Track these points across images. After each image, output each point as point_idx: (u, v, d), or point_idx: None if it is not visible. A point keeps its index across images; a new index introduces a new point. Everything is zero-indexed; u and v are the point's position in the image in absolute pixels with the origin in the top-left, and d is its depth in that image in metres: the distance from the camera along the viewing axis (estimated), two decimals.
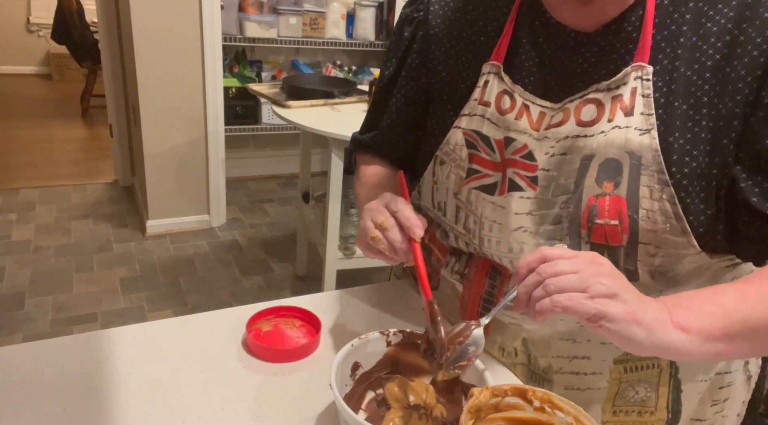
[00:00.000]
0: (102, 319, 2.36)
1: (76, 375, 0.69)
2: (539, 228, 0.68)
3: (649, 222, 0.62)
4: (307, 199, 2.62)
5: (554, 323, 0.71)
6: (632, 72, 0.63)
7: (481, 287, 0.77)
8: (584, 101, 0.65)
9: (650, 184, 0.61)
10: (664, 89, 0.62)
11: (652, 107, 0.62)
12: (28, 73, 6.61)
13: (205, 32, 2.85)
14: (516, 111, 0.69)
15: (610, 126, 0.63)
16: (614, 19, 0.64)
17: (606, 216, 0.63)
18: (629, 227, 0.62)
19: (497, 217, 0.71)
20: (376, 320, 0.85)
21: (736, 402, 0.78)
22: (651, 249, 0.63)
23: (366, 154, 0.94)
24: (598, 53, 0.66)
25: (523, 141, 0.68)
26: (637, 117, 0.62)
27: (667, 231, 0.62)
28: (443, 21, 0.78)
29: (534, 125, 0.68)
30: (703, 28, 0.61)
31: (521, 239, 0.69)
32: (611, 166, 0.63)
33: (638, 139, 0.62)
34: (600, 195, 0.63)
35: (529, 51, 0.70)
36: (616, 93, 0.63)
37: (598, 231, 0.64)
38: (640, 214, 0.62)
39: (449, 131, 0.75)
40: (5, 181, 3.60)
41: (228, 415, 0.66)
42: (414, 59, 0.81)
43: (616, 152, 0.63)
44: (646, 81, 0.62)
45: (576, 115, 0.66)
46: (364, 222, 0.72)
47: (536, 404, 0.54)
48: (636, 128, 0.62)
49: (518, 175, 0.69)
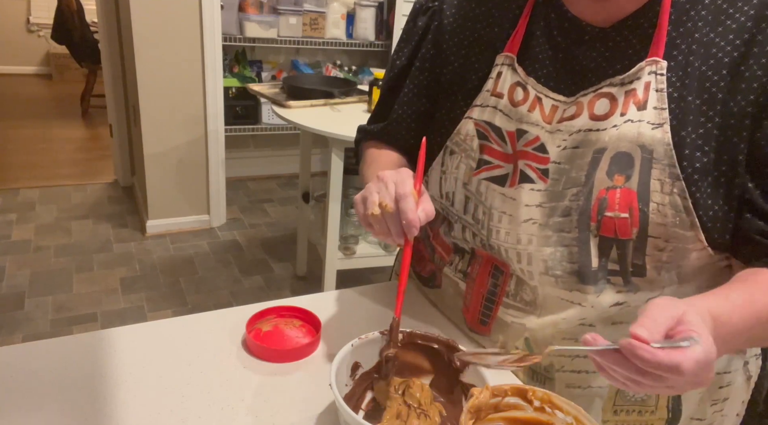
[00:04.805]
0: (102, 319, 2.36)
1: (76, 375, 0.69)
2: (548, 221, 0.68)
3: (660, 216, 0.62)
4: (307, 199, 2.62)
5: (557, 324, 0.72)
6: (646, 67, 0.63)
7: (483, 286, 0.77)
8: (597, 95, 0.66)
9: (661, 178, 0.62)
10: (678, 84, 0.63)
11: (666, 102, 0.62)
12: (28, 73, 6.61)
13: (205, 32, 2.85)
14: (529, 103, 0.70)
15: (623, 120, 0.64)
16: (630, 14, 0.65)
17: (616, 209, 0.64)
18: (639, 220, 0.63)
19: (507, 208, 0.71)
20: (376, 320, 0.85)
21: (736, 402, 0.78)
22: (660, 243, 0.64)
23: (374, 141, 0.92)
24: (612, 48, 0.66)
25: (535, 133, 0.69)
26: (650, 111, 0.63)
27: (676, 225, 0.62)
28: (458, 11, 0.78)
29: (546, 118, 0.69)
30: (723, 25, 0.62)
31: (530, 231, 0.69)
32: (623, 160, 0.63)
33: (650, 133, 0.62)
34: (611, 188, 0.64)
35: (543, 44, 0.71)
36: (630, 87, 0.64)
37: (607, 224, 0.64)
38: (651, 208, 0.62)
39: (460, 122, 0.75)
40: (5, 180, 3.60)
41: (228, 415, 0.66)
42: (429, 50, 0.81)
43: (627, 145, 0.63)
44: (660, 76, 0.63)
45: (589, 108, 0.66)
46: (370, 192, 0.67)
47: (536, 404, 0.54)
48: (649, 122, 0.62)
49: (529, 167, 0.69)
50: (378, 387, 0.69)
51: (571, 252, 0.68)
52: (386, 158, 0.86)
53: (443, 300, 0.88)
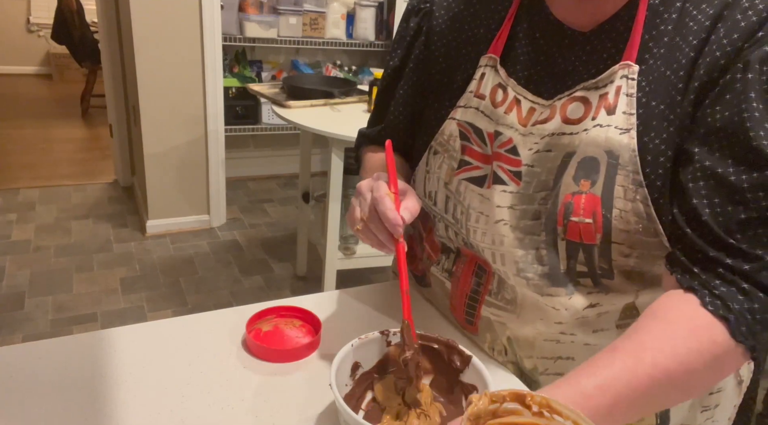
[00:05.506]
0: (102, 319, 2.36)
1: (76, 375, 0.69)
2: (519, 223, 0.68)
3: (622, 222, 0.62)
4: (307, 199, 2.62)
5: (534, 323, 0.72)
6: (619, 70, 0.62)
7: (467, 285, 0.78)
8: (571, 99, 0.65)
9: (625, 184, 0.61)
10: (647, 89, 0.62)
11: (635, 107, 0.61)
12: (28, 73, 6.61)
13: (205, 32, 2.85)
14: (506, 105, 0.70)
15: (593, 124, 0.63)
16: (609, 18, 0.65)
17: (581, 215, 0.63)
18: (603, 226, 0.62)
19: (483, 209, 0.71)
20: (376, 320, 0.85)
21: (727, 408, 0.77)
22: (625, 249, 0.63)
23: (373, 146, 0.93)
24: (590, 52, 0.66)
25: (508, 135, 0.69)
26: (618, 116, 0.62)
27: (639, 232, 0.62)
28: (447, 12, 0.78)
29: (522, 120, 0.68)
30: (686, 27, 0.61)
31: (502, 232, 0.69)
32: (589, 165, 0.63)
33: (618, 138, 0.61)
34: (576, 193, 0.63)
35: (526, 46, 0.71)
36: (603, 91, 0.63)
37: (573, 229, 0.64)
38: (614, 214, 0.62)
39: (444, 122, 0.76)
40: (5, 181, 3.60)
41: (228, 415, 0.66)
42: (421, 51, 0.81)
43: (595, 150, 0.63)
44: (631, 80, 0.62)
45: (562, 112, 0.66)
46: (352, 208, 0.70)
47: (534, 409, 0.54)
48: (617, 127, 0.62)
49: (501, 169, 0.69)
50: (378, 387, 0.69)
51: (541, 255, 0.68)
52: (381, 164, 0.86)
53: (432, 298, 0.89)
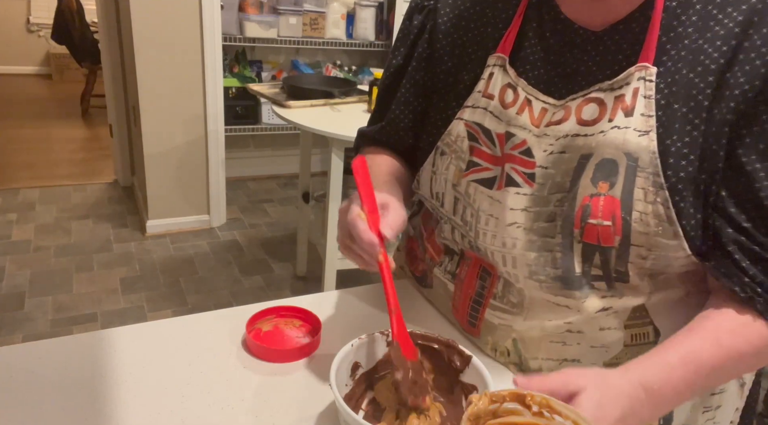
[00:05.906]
0: (102, 319, 2.36)
1: (76, 375, 0.69)
2: (533, 225, 0.68)
3: (642, 225, 0.61)
4: (307, 199, 2.62)
5: (544, 327, 0.71)
6: (636, 72, 0.62)
7: (471, 288, 0.77)
8: (586, 100, 0.65)
9: (645, 187, 0.61)
10: (666, 91, 0.61)
11: (653, 109, 0.61)
12: (28, 73, 6.61)
13: (205, 32, 2.85)
14: (518, 105, 0.69)
15: (610, 126, 0.63)
16: (622, 18, 0.64)
17: (599, 217, 0.63)
18: (622, 229, 0.62)
19: (494, 211, 0.70)
20: (376, 320, 0.85)
21: (729, 410, 0.77)
22: (643, 251, 0.63)
23: (372, 146, 0.92)
24: (603, 52, 0.65)
25: (522, 137, 0.68)
26: (637, 118, 0.61)
27: (659, 234, 0.61)
28: (452, 10, 0.77)
29: (535, 121, 0.68)
30: (711, 31, 0.60)
31: (514, 235, 0.69)
32: (608, 167, 0.62)
33: (636, 140, 0.61)
34: (594, 195, 0.63)
35: (536, 45, 0.70)
36: (619, 93, 0.63)
37: (590, 231, 0.64)
38: (633, 216, 0.61)
39: (451, 122, 0.75)
40: (5, 181, 3.60)
41: (228, 415, 0.66)
42: (425, 49, 0.80)
43: (613, 152, 0.62)
44: (649, 82, 0.61)
45: (577, 113, 0.65)
46: (338, 231, 0.71)
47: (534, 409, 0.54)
48: (635, 129, 0.61)
49: (515, 171, 0.68)
50: (378, 387, 0.69)
51: (555, 258, 0.67)
52: (377, 168, 0.85)
53: (434, 300, 0.88)
